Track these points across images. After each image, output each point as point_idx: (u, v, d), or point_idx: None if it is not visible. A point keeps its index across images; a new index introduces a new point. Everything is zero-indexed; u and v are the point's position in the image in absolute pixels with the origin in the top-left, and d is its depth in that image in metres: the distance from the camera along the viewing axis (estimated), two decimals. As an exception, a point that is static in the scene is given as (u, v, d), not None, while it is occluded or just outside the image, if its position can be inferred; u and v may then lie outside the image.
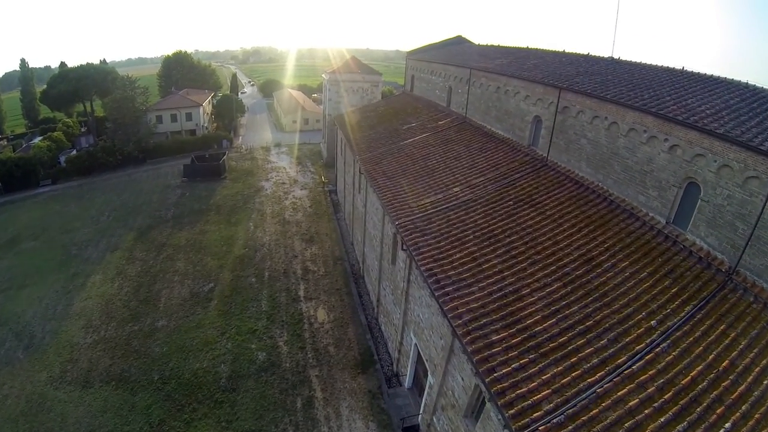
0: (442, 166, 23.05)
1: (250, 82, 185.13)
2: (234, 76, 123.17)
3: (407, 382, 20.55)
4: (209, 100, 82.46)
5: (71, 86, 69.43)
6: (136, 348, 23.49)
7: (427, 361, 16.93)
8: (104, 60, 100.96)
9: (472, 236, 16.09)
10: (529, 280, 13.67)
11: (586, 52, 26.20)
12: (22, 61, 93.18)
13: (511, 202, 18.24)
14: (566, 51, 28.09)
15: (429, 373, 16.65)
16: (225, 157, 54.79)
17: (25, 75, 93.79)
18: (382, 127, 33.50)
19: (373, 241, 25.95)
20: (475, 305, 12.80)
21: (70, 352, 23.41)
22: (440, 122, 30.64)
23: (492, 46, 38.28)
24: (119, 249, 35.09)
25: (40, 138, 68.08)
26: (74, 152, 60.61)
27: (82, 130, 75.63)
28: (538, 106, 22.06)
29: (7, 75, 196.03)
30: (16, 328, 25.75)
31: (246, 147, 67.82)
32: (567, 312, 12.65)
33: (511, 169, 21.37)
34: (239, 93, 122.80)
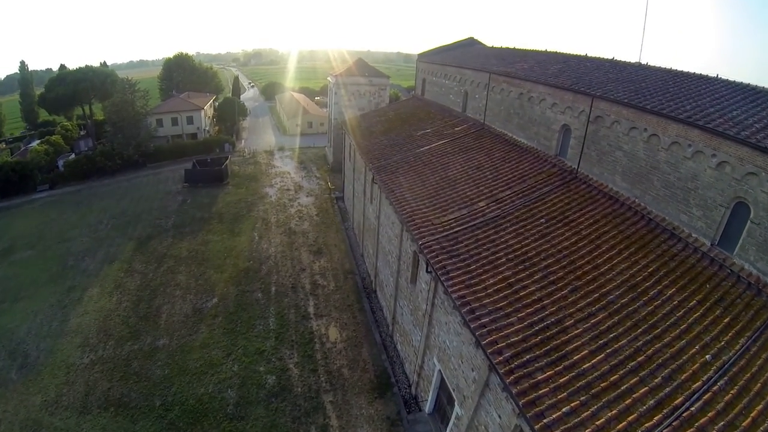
0: (463, 176, 22.20)
1: (251, 84, 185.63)
2: (236, 79, 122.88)
3: (428, 407, 19.61)
4: (211, 104, 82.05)
5: (69, 89, 68.97)
6: (136, 370, 22.58)
7: (454, 390, 16.01)
8: (104, 62, 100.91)
9: (504, 259, 15.20)
10: (571, 310, 12.78)
11: (611, 57, 25.43)
12: (22, 63, 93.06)
13: (542, 220, 17.34)
14: (588, 55, 27.33)
15: (456, 403, 15.73)
16: (227, 161, 54.04)
17: (24, 78, 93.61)
18: (395, 133, 32.72)
19: (388, 256, 25.09)
20: (516, 338, 11.91)
21: (66, 374, 22.53)
22: (456, 128, 29.84)
23: (507, 48, 37.48)
24: (118, 260, 34.26)
25: (38, 141, 67.57)
26: (73, 156, 59.95)
27: (82, 133, 75.12)
28: (567, 114, 21.24)
29: (8, 78, 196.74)
30: (10, 345, 24.89)
31: (249, 151, 67.24)
32: (616, 346, 11.76)
33: (539, 182, 20.48)
34: (241, 96, 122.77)
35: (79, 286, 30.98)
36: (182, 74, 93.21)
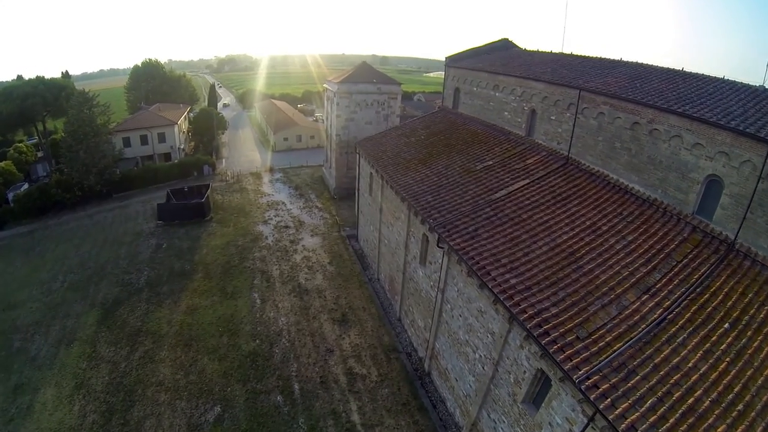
0: (582, 246, 17.50)
1: (220, 86, 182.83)
2: (212, 88, 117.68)
3: None
4: (185, 116, 76.70)
5: (15, 107, 62.00)
6: None
7: None
8: (66, 72, 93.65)
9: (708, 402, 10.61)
10: None
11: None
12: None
13: (726, 326, 13.48)
14: (684, 69, 23.30)
15: None
16: (209, 191, 48.45)
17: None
18: (440, 163, 27.90)
19: (465, 347, 20.25)
20: None
21: None
22: (528, 161, 25.17)
23: (564, 54, 33.15)
24: (77, 340, 28.64)
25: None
26: (26, 187, 53.59)
27: (39, 155, 68.18)
28: (717, 161, 16.85)
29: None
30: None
31: (232, 173, 62.04)
32: None
33: (688, 257, 16.29)
34: (223, 105, 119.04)
35: (29, 384, 25.37)
36: (152, 83, 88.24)
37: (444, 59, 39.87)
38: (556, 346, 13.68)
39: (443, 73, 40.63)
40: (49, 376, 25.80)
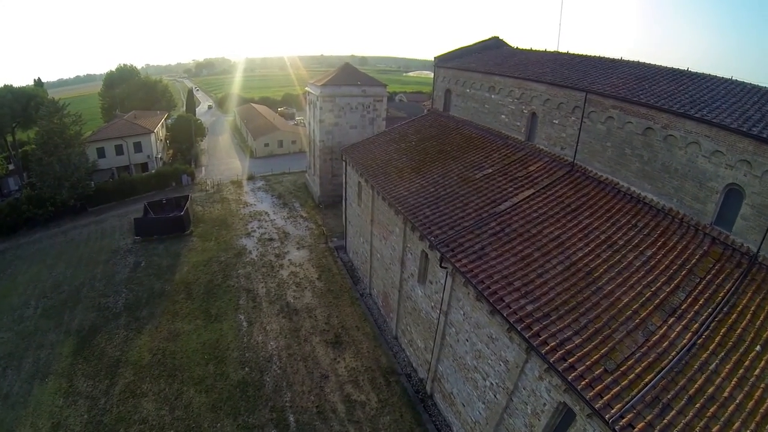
0: (599, 265, 16.67)
1: (197, 90, 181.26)
2: (190, 92, 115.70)
3: None
4: (162, 123, 74.98)
5: None
6: None
7: None
8: (38, 80, 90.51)
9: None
10: None
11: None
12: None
13: (758, 348, 12.83)
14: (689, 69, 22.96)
15: None
16: (188, 202, 46.82)
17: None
18: (435, 172, 26.95)
19: (473, 373, 19.33)
20: None
21: None
22: (530, 167, 24.37)
23: (560, 52, 32.52)
24: (53, 373, 26.92)
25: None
26: None
27: (10, 167, 65.47)
28: (738, 170, 16.24)
29: None
30: None
31: (212, 182, 60.51)
32: None
33: (709, 273, 15.69)
34: (207, 107, 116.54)
35: (2, 425, 23.63)
36: (127, 90, 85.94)
37: (425, 59, 39.77)
38: (584, 382, 12.80)
39: (424, 72, 39.87)
40: (23, 416, 24.11)
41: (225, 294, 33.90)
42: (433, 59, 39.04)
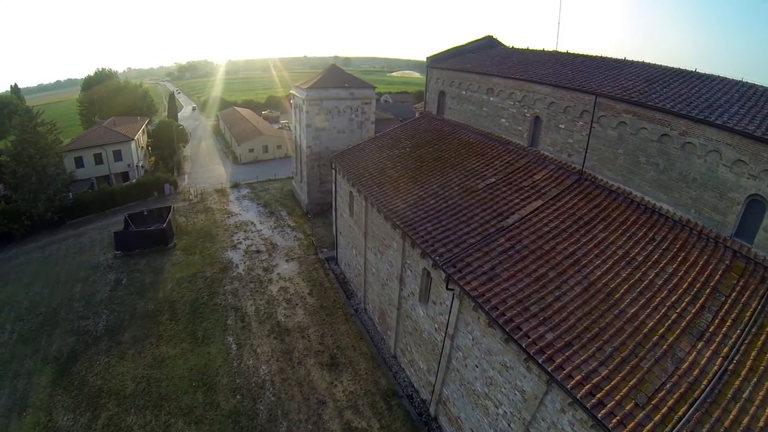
0: (619, 285, 16.00)
1: (178, 93, 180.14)
2: (171, 97, 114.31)
3: None
4: (143, 130, 73.75)
5: None
6: None
7: None
8: (15, 86, 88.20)
9: None
10: None
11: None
12: None
13: None
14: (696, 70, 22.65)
15: None
16: (170, 214, 45.52)
17: None
18: (436, 182, 26.11)
19: (484, 399, 18.58)
20: None
21: None
22: (536, 176, 23.68)
23: (563, 52, 31.97)
24: (31, 407, 25.54)
25: None
26: None
27: None
28: (762, 180, 15.85)
29: None
30: None
31: (195, 191, 59.19)
32: None
33: (736, 290, 15.17)
34: (192, 109, 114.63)
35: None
36: (106, 95, 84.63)
37: (408, 58, 39.46)
38: (615, 419, 12.05)
39: (407, 72, 39.25)
40: (-2, 456, 22.88)
41: (212, 313, 32.72)
42: (422, 59, 38.58)
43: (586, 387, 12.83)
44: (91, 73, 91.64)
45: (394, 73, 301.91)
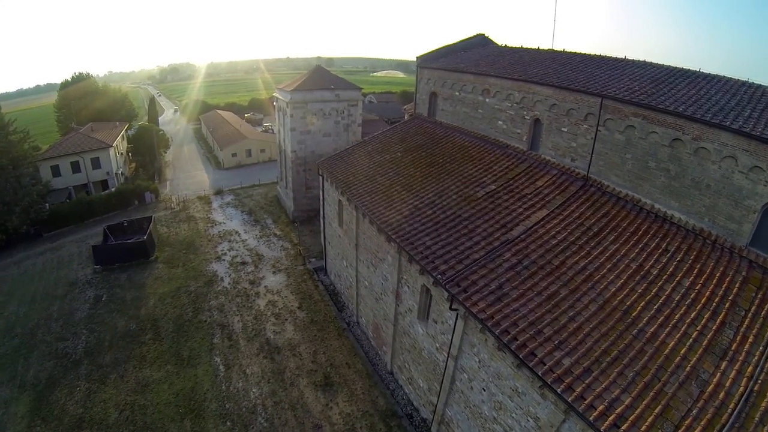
0: (635, 301, 15.41)
1: (159, 95, 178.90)
2: (152, 101, 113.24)
3: None
4: (122, 135, 72.45)
5: None
6: None
7: None
8: None
9: None
10: None
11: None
12: None
13: None
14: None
15: None
16: (151, 225, 44.24)
17: None
18: (432, 189, 25.37)
19: (492, 423, 17.85)
20: None
21: None
22: (538, 182, 23.06)
23: (548, 50, 31.53)
24: (7, 441, 24.35)
25: None
26: None
27: None
28: (780, 186, 15.22)
29: None
30: None
31: (177, 199, 58.04)
32: None
33: (755, 304, 14.75)
34: (174, 111, 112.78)
35: None
36: (83, 101, 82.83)
37: (391, 58, 38.84)
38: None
39: (391, 72, 38.59)
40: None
41: (197, 331, 31.62)
42: (406, 58, 42.43)
43: (610, 418, 12.17)
44: (68, 78, 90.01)
45: (377, 73, 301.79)
